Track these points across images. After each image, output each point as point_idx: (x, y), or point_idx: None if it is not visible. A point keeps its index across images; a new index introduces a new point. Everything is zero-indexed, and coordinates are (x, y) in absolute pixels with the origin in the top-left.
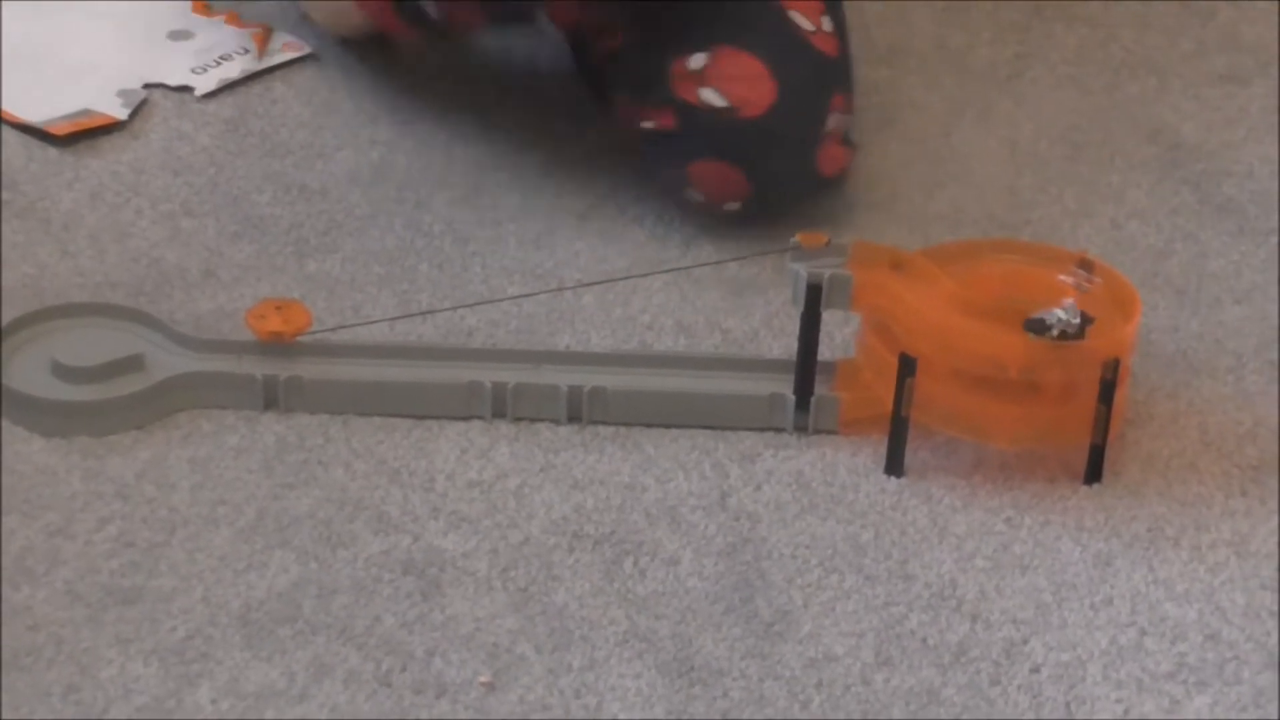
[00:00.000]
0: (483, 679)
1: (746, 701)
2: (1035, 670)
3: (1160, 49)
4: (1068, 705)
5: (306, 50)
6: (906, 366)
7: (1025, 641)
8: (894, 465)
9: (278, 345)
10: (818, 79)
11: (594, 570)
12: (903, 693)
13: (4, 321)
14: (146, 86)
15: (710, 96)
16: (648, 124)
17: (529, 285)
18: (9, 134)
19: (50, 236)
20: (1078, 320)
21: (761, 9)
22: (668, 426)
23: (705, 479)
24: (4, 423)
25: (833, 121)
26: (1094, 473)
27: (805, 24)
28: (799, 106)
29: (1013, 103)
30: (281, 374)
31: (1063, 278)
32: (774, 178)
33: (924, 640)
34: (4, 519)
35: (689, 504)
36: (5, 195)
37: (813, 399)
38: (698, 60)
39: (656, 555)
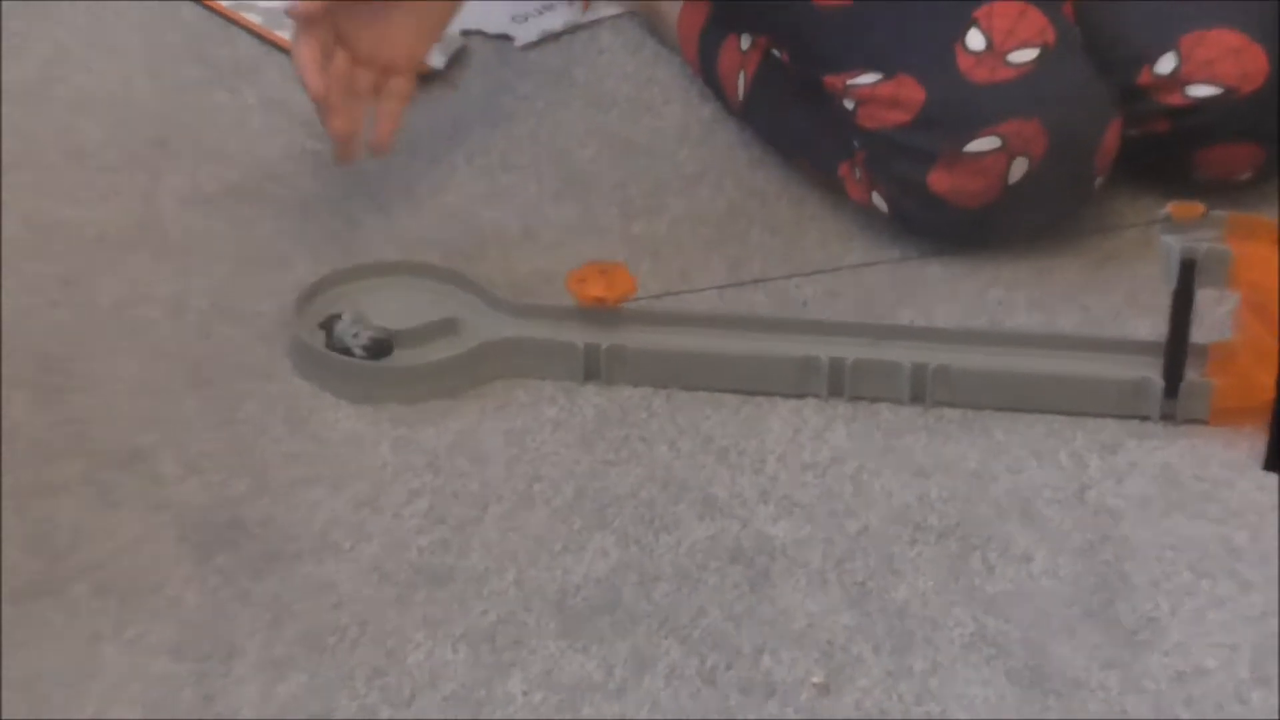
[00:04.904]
0: (815, 680)
1: (1106, 716)
2: None
3: None
4: None
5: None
6: None
7: None
8: (1274, 460)
9: (600, 311)
10: None
11: (938, 565)
12: None
13: (313, 279)
14: (464, 34)
15: (1200, 91)
16: (1131, 131)
17: (870, 253)
18: None
19: (361, 190)
20: (370, 335)
21: None
22: (1020, 411)
23: (1061, 469)
24: (313, 387)
25: None
26: None
27: None
28: None
29: None
30: (603, 343)
31: None
32: None
33: None
34: (310, 489)
35: (1043, 496)
36: (317, 145)
37: (1182, 385)
38: (1166, 63)
39: (1007, 551)
